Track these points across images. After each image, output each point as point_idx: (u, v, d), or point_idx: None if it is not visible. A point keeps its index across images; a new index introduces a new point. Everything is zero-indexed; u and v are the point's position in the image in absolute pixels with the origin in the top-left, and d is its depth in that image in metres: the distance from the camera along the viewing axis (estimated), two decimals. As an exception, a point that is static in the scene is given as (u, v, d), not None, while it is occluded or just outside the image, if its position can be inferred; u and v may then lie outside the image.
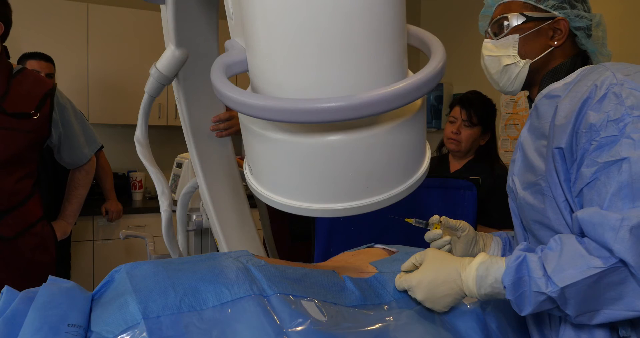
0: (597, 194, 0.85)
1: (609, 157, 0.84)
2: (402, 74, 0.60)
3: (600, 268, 0.77)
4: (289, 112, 0.52)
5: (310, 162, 0.59)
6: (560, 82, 1.03)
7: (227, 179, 1.45)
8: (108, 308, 0.76)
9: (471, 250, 1.15)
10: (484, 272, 0.86)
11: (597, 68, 0.97)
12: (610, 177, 0.83)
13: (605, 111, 0.87)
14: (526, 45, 1.06)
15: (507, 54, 1.07)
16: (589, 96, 0.91)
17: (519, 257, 0.84)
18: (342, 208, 0.62)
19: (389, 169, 0.62)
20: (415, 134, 0.63)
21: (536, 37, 1.06)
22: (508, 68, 1.08)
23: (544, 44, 1.06)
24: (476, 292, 0.87)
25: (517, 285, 0.83)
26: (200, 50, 1.20)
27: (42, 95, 1.87)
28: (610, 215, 0.79)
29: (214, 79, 0.58)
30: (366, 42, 0.54)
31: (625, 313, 0.80)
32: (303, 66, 0.54)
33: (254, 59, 0.60)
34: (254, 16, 0.55)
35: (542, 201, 0.98)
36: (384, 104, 0.53)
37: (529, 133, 1.07)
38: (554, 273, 0.80)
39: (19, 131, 1.79)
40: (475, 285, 0.87)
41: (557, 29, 1.05)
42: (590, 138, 0.88)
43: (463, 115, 1.99)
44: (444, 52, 0.61)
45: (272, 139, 0.59)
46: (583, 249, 0.80)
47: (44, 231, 1.91)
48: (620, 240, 0.76)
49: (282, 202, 0.64)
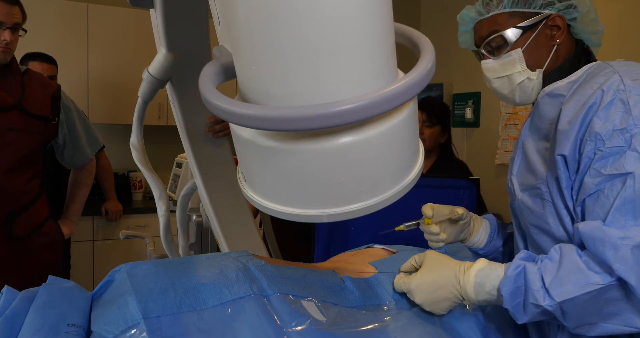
0: (599, 206, 0.83)
1: (614, 169, 0.82)
2: (392, 76, 0.60)
3: (598, 285, 0.77)
4: (278, 120, 0.52)
5: (303, 169, 0.59)
6: (564, 81, 1.00)
7: (225, 179, 1.45)
8: (108, 308, 0.76)
9: (462, 235, 1.14)
10: (482, 280, 0.86)
11: (604, 68, 0.94)
12: (613, 190, 0.82)
13: (611, 119, 0.84)
14: (532, 55, 1.01)
15: (516, 70, 1.01)
16: (595, 102, 0.87)
17: (518, 267, 0.84)
18: (338, 213, 0.62)
19: (383, 172, 0.62)
20: (408, 135, 0.63)
21: (538, 43, 1.01)
22: (522, 85, 1.02)
23: (547, 46, 1.01)
24: (474, 299, 0.87)
25: (514, 294, 0.83)
26: (192, 52, 1.20)
27: (50, 97, 1.91)
28: (611, 232, 0.78)
29: (201, 88, 0.58)
30: (353, 47, 0.54)
31: (623, 328, 0.79)
32: (289, 73, 0.54)
33: (239, 66, 0.59)
34: (237, 23, 0.55)
35: (542, 206, 0.97)
36: (374, 108, 0.53)
37: (530, 133, 1.05)
38: (552, 286, 0.79)
39: (30, 133, 1.83)
40: (473, 292, 0.87)
41: (554, 26, 1.00)
42: (595, 147, 0.85)
43: (424, 117, 2.21)
44: (433, 51, 0.61)
45: (263, 146, 0.59)
46: (582, 263, 0.80)
47: (52, 230, 1.95)
48: (620, 258, 0.75)
49: (277, 209, 0.64)
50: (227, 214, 1.45)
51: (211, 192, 1.41)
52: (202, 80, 0.60)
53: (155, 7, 1.10)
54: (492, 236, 1.18)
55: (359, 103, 0.52)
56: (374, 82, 0.56)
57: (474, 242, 1.17)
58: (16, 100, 1.80)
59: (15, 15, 1.78)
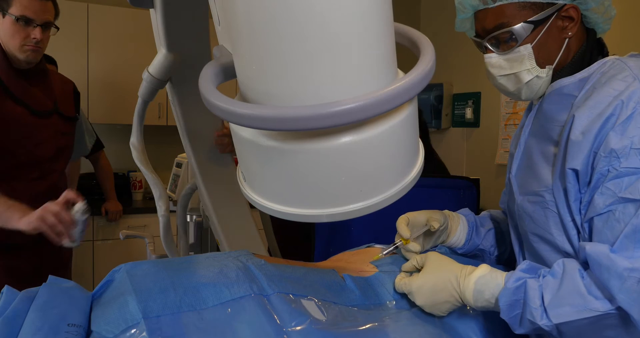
0: (608, 229, 0.80)
1: (628, 193, 0.78)
2: (392, 76, 0.60)
3: (598, 312, 0.76)
4: (277, 120, 0.52)
5: (303, 168, 0.59)
6: (574, 77, 0.92)
7: (225, 179, 1.45)
8: (108, 308, 0.76)
9: (440, 239, 1.11)
10: (481, 287, 0.85)
11: (621, 70, 0.87)
12: (625, 215, 0.78)
13: (630, 136, 0.79)
14: (542, 51, 0.92)
15: (524, 68, 0.93)
16: (613, 114, 0.81)
17: (519, 280, 0.82)
18: (338, 213, 0.62)
19: (383, 172, 0.62)
20: (408, 135, 0.63)
21: (548, 37, 0.92)
22: (530, 83, 0.94)
23: (558, 40, 0.93)
24: (473, 304, 0.87)
25: (512, 307, 0.82)
26: (192, 52, 1.20)
27: (72, 95, 1.90)
28: (619, 262, 0.75)
29: (201, 88, 0.58)
30: (353, 47, 0.54)
31: None
32: (289, 73, 0.54)
33: (239, 66, 0.59)
34: (237, 23, 0.55)
35: (544, 215, 0.93)
36: (374, 108, 0.53)
37: (534, 131, 1.00)
38: (551, 306, 0.78)
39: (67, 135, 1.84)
40: (472, 298, 0.87)
41: (567, 17, 0.91)
42: (609, 164, 0.80)
43: None
44: (433, 51, 0.61)
45: (263, 146, 0.59)
46: (583, 287, 0.78)
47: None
48: (626, 290, 0.74)
49: (277, 209, 0.64)
50: (227, 214, 1.45)
51: (211, 192, 1.41)
52: (202, 80, 0.60)
53: (155, 7, 1.10)
54: (470, 234, 1.14)
55: (359, 103, 0.52)
56: (373, 82, 0.56)
57: (452, 243, 1.14)
58: (53, 103, 1.75)
59: (48, 11, 1.64)
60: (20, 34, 1.59)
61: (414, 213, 1.07)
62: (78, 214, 1.28)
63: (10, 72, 1.62)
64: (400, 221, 1.04)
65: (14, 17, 1.57)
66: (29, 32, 1.60)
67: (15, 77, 1.63)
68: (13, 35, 1.58)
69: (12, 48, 1.60)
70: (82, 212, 1.28)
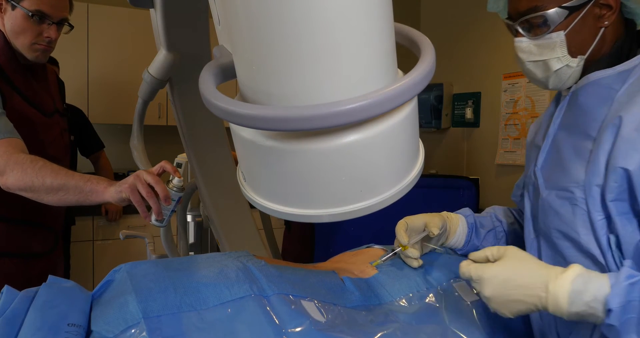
0: None
1: None
2: (392, 76, 0.60)
3: None
4: (278, 120, 0.52)
5: (303, 168, 0.59)
6: (614, 70, 0.87)
7: (225, 179, 1.45)
8: (108, 308, 0.76)
9: (440, 241, 1.08)
10: (581, 287, 0.72)
11: None
12: None
13: None
14: (575, 39, 0.88)
15: (555, 56, 0.89)
16: None
17: (632, 277, 0.71)
18: (338, 213, 0.62)
19: (384, 172, 0.62)
20: (408, 135, 0.63)
21: (583, 24, 0.87)
22: (559, 72, 0.90)
23: (593, 29, 0.88)
24: (566, 309, 0.73)
25: (626, 309, 0.70)
26: (192, 52, 1.20)
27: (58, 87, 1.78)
28: None
29: (201, 89, 0.58)
30: (353, 48, 0.54)
31: None
32: (289, 73, 0.54)
33: (239, 66, 0.60)
34: (237, 23, 0.55)
35: (572, 212, 0.88)
36: (374, 108, 0.53)
37: (564, 125, 0.94)
38: None
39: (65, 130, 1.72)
40: (567, 301, 0.72)
41: (605, 5, 0.87)
42: None
43: None
44: (433, 51, 0.61)
45: (263, 146, 0.59)
46: None
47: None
48: None
49: (277, 209, 0.64)
50: (227, 214, 1.45)
51: (211, 192, 1.41)
52: (202, 80, 0.60)
53: (155, 7, 1.10)
54: (469, 235, 1.10)
55: (359, 103, 0.52)
56: (374, 82, 0.56)
57: (452, 244, 1.11)
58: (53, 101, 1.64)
59: (65, 7, 1.47)
60: (32, 31, 1.39)
61: (412, 218, 1.04)
62: (174, 189, 1.12)
63: (19, 71, 1.48)
64: (399, 227, 1.02)
65: (28, 12, 1.37)
66: (42, 29, 1.41)
67: (23, 77, 1.50)
68: (24, 32, 1.39)
69: (21, 45, 1.41)
70: (178, 188, 1.13)
